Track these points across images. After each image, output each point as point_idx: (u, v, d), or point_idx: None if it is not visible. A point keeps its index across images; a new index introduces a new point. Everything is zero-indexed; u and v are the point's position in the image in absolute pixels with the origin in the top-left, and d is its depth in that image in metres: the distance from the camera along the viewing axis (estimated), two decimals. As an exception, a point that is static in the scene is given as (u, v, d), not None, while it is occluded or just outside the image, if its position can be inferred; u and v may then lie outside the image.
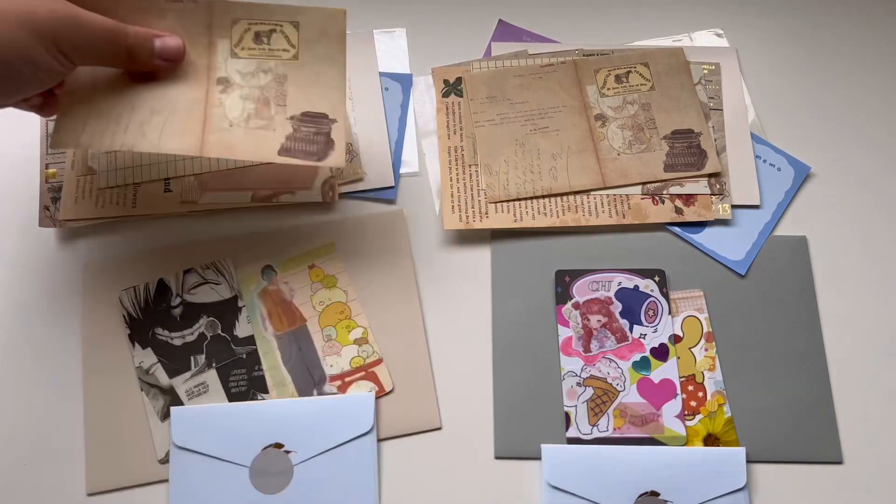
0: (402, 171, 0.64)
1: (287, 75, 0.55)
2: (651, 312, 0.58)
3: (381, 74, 0.67)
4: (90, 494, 0.53)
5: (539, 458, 0.54)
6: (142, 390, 0.55)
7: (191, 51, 0.54)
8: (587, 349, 0.57)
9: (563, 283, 0.58)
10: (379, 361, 0.56)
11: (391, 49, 0.69)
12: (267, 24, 0.55)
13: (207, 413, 0.54)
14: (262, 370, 0.56)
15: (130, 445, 0.54)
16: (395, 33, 0.69)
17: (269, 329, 0.57)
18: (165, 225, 0.61)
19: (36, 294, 0.59)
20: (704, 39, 0.70)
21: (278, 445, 0.53)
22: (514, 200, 0.60)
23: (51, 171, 0.62)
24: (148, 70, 0.52)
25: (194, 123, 0.52)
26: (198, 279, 0.58)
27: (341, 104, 0.55)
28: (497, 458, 0.54)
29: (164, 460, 0.53)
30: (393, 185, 0.63)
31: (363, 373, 0.56)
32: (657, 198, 0.61)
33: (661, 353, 0.57)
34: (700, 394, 0.55)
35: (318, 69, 0.55)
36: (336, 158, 0.53)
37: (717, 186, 0.61)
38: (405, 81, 0.67)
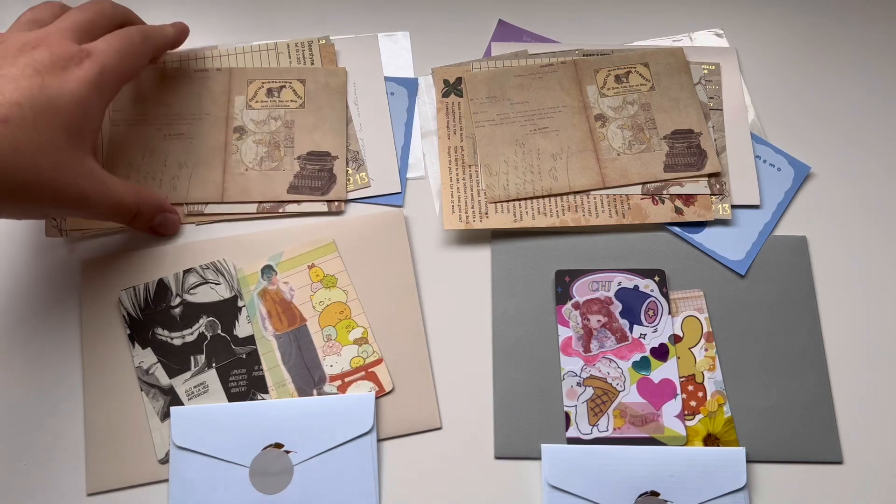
0: (408, 175, 0.63)
1: (294, 121, 0.62)
2: (651, 312, 0.58)
3: (387, 79, 0.67)
4: (90, 494, 0.53)
5: (539, 458, 0.54)
6: (142, 390, 0.55)
7: (212, 106, 0.63)
8: (587, 349, 0.57)
9: (563, 283, 0.58)
10: (379, 361, 0.56)
11: (395, 52, 0.68)
12: (278, 82, 0.63)
13: (207, 413, 0.54)
14: (261, 370, 0.56)
15: (130, 445, 0.54)
16: (398, 36, 0.69)
17: (269, 329, 0.57)
18: (165, 225, 0.61)
19: (35, 293, 0.59)
20: (704, 39, 0.70)
21: (278, 445, 0.53)
22: (514, 200, 0.60)
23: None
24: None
25: (215, 172, 0.60)
26: (198, 279, 0.58)
27: (342, 143, 0.62)
28: (497, 457, 0.54)
29: (164, 460, 0.53)
30: (400, 190, 0.62)
31: (363, 373, 0.56)
32: (657, 198, 0.61)
33: (660, 353, 0.56)
34: (700, 394, 0.55)
35: (321, 114, 0.63)
36: (338, 192, 0.61)
37: (717, 186, 0.61)
38: (411, 86, 0.67)
